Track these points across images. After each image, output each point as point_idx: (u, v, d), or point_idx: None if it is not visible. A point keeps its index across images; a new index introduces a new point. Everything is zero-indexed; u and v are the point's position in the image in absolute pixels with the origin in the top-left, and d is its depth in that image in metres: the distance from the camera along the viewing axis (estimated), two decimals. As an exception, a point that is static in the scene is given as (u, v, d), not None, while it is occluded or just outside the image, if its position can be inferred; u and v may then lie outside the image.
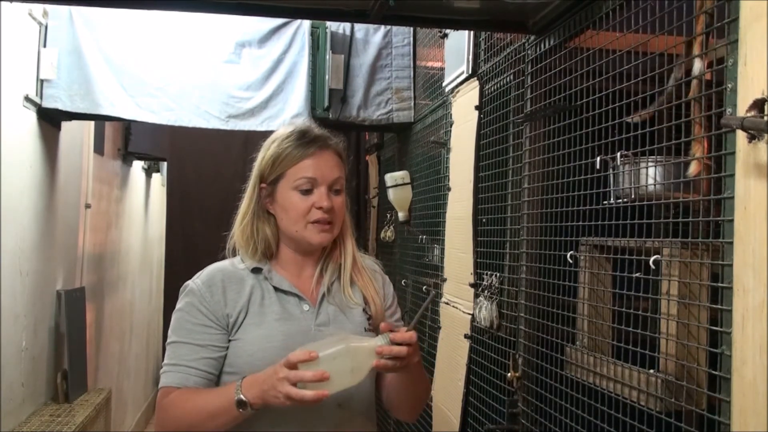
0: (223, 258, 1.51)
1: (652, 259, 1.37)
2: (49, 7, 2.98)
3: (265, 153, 1.48)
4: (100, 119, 3.38)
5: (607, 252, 1.61)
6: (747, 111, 1.08)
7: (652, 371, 1.37)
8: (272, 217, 1.49)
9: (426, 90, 3.30)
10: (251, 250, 1.47)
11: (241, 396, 1.28)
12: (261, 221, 1.48)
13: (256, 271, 1.46)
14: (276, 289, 1.45)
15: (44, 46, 2.99)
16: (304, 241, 1.45)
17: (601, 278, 1.63)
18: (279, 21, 3.25)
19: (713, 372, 1.18)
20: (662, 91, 1.47)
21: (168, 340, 1.43)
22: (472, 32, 2.50)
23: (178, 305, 1.44)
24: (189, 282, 1.46)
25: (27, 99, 2.86)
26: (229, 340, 1.41)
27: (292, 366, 1.23)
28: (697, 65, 1.32)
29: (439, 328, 2.78)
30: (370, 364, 1.27)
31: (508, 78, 2.19)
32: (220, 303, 1.42)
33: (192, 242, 4.96)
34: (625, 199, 1.49)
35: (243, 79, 3.23)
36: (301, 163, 1.44)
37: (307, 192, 1.43)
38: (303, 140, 1.45)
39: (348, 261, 1.50)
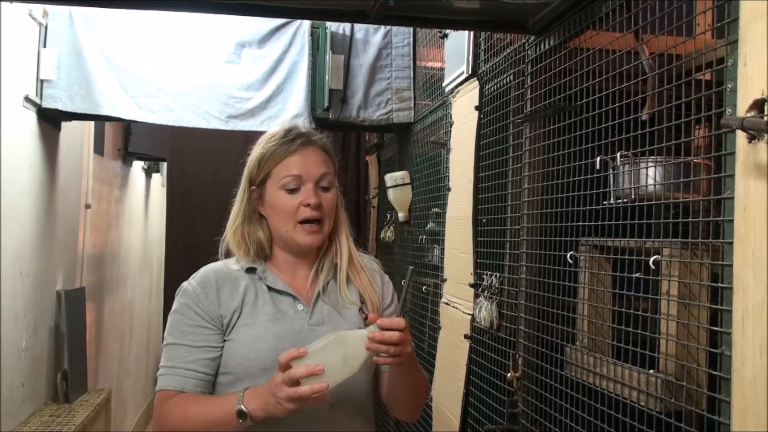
0: (217, 260, 1.51)
1: (652, 259, 1.37)
2: (49, 7, 2.98)
3: (252, 155, 1.48)
4: (100, 119, 3.38)
5: (607, 252, 1.61)
6: (747, 111, 1.08)
7: (652, 371, 1.37)
8: (264, 220, 1.48)
9: (426, 90, 3.29)
10: (243, 253, 1.46)
11: (242, 407, 1.28)
12: (253, 224, 1.48)
13: (250, 271, 1.45)
14: (270, 288, 1.44)
15: (44, 46, 2.99)
16: (294, 242, 1.44)
17: (601, 278, 1.62)
18: (279, 21, 3.25)
19: (713, 372, 1.17)
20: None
21: (164, 342, 1.43)
22: (472, 32, 2.50)
23: (174, 307, 1.44)
24: (184, 283, 1.46)
25: (27, 99, 2.86)
26: (224, 341, 1.41)
27: (285, 367, 1.23)
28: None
29: (439, 328, 2.78)
30: (364, 354, 1.27)
31: (508, 78, 2.18)
32: (215, 304, 1.41)
33: (192, 242, 4.95)
34: (625, 200, 1.49)
35: (243, 80, 3.23)
36: (285, 161, 1.44)
37: (293, 191, 1.43)
38: (286, 138, 1.45)
39: (344, 259, 1.49)
